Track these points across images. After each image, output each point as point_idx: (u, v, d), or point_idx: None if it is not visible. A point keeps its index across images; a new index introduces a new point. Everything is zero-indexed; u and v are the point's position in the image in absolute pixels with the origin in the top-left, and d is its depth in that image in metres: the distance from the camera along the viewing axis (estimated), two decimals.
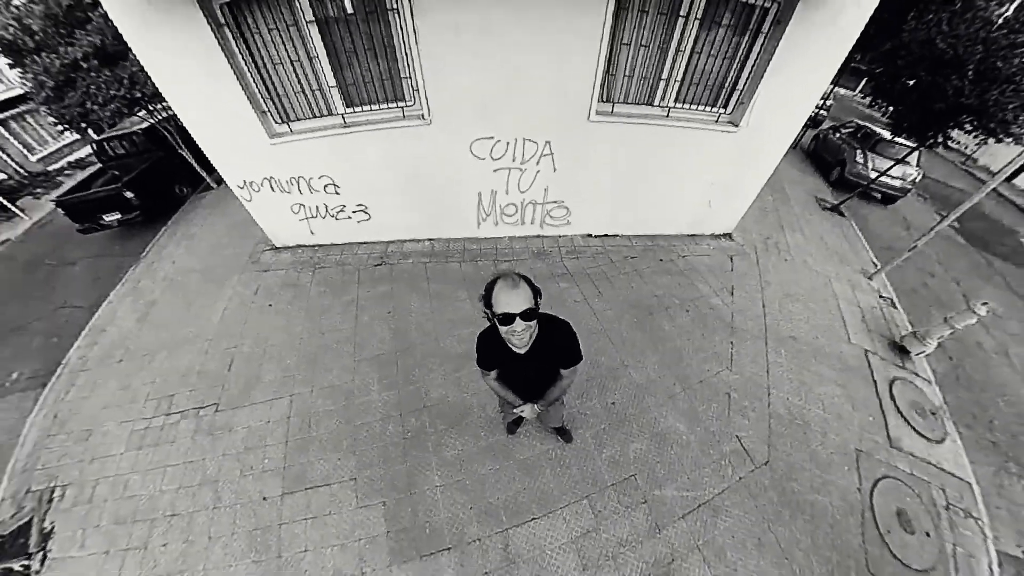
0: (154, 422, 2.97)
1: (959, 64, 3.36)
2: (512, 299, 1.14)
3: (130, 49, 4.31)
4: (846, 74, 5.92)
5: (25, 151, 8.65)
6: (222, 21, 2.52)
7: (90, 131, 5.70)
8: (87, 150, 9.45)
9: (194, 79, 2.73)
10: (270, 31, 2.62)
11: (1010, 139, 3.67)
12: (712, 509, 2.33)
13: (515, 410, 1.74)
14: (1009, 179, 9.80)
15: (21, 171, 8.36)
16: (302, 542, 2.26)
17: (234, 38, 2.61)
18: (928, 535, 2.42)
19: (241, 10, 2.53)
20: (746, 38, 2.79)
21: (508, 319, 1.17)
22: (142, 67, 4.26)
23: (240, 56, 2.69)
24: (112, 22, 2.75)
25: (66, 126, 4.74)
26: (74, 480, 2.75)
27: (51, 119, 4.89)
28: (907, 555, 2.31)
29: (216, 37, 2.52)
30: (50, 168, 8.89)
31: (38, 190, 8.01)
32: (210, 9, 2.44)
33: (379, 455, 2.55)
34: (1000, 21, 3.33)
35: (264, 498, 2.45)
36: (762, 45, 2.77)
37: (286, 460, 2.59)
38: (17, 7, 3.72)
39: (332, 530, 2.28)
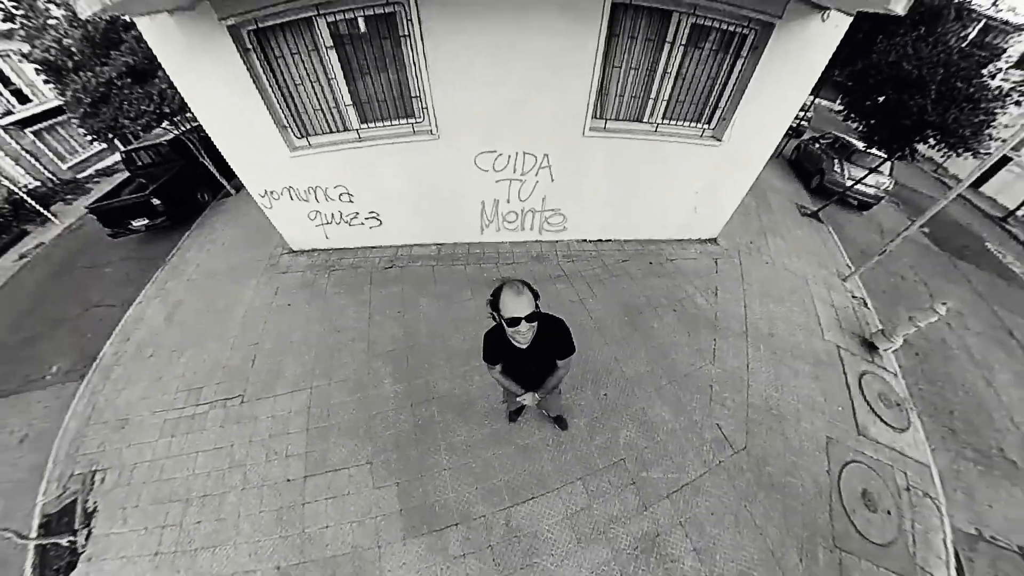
0: (185, 412, 3.05)
1: (923, 84, 3.47)
2: (518, 305, 1.27)
3: (159, 67, 4.42)
4: (826, 86, 5.97)
5: (57, 160, 8.70)
6: (249, 47, 2.60)
7: (116, 141, 5.78)
8: (114, 158, 9.50)
9: (222, 98, 2.82)
10: (292, 55, 2.70)
11: (969, 153, 3.78)
12: (694, 489, 2.43)
13: (519, 399, 1.85)
14: (976, 187, 9.87)
15: (53, 179, 8.42)
16: (324, 519, 2.35)
17: (259, 62, 2.69)
18: (889, 513, 2.52)
19: (266, 36, 2.61)
20: (727, 62, 2.86)
21: (514, 322, 1.29)
22: (170, 84, 4.37)
23: (264, 78, 2.77)
24: (144, 43, 2.84)
25: (95, 137, 4.83)
26: (113, 464, 2.84)
27: (81, 131, 5.00)
28: (870, 531, 2.42)
29: (243, 61, 2.61)
30: (79, 176, 8.94)
31: (69, 196, 8.08)
32: (238, 36, 2.52)
33: (392, 441, 2.64)
34: (960, 46, 3.44)
35: (288, 480, 2.53)
36: (741, 68, 2.84)
37: (307, 446, 2.68)
38: (57, 30, 3.82)
39: (351, 508, 2.37)
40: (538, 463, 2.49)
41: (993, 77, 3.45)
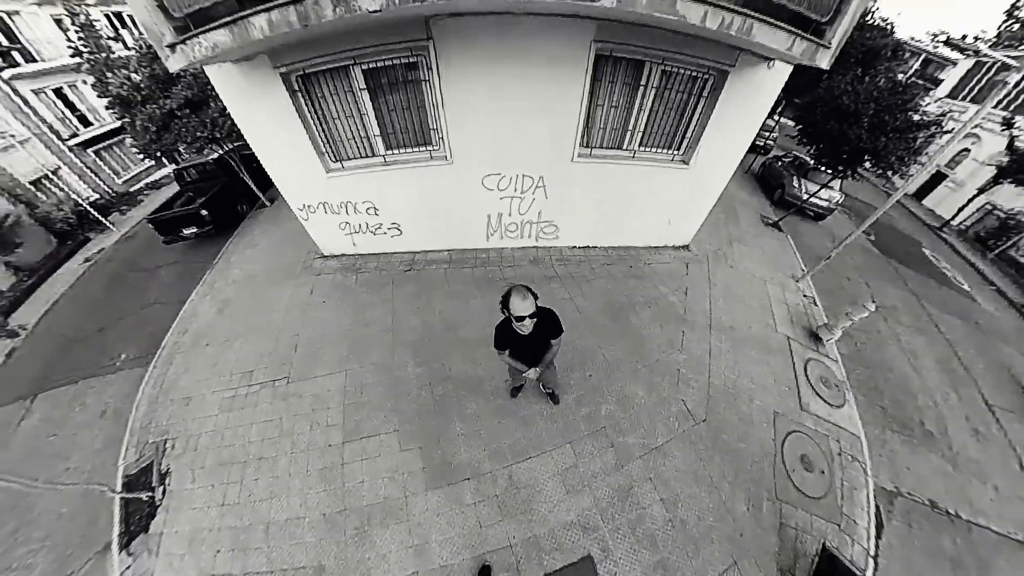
0: (239, 391, 3.23)
1: (858, 117, 3.72)
2: (523, 306, 1.57)
3: (211, 99, 4.68)
4: (791, 106, 6.05)
5: (113, 175, 8.84)
6: (296, 89, 2.82)
7: (164, 159, 5.90)
8: (160, 173, 9.61)
9: (272, 129, 3.03)
10: (331, 95, 2.92)
11: (897, 175, 4.01)
12: (662, 452, 2.65)
13: (524, 374, 2.12)
14: (919, 199, 10.08)
15: (110, 192, 8.56)
16: (360, 476, 2.58)
17: (304, 100, 2.91)
18: (823, 473, 2.76)
19: (310, 80, 2.83)
20: (691, 101, 3.07)
21: (520, 318, 1.59)
22: (220, 112, 4.63)
23: (307, 113, 2.99)
24: (199, 78, 3.05)
25: (146, 156, 5.00)
26: (181, 434, 3.04)
27: (134, 149, 5.17)
28: (805, 486, 2.67)
29: (290, 100, 2.83)
30: (131, 189, 9.06)
31: (123, 207, 8.20)
32: (288, 80, 2.75)
33: (415, 413, 2.85)
34: (889, 85, 3.68)
35: (329, 445, 2.75)
36: (703, 106, 3.05)
37: (344, 418, 2.89)
38: (127, 68, 4.04)
39: (382, 467, 2.60)
40: (534, 430, 2.72)
41: (918, 111, 3.67)
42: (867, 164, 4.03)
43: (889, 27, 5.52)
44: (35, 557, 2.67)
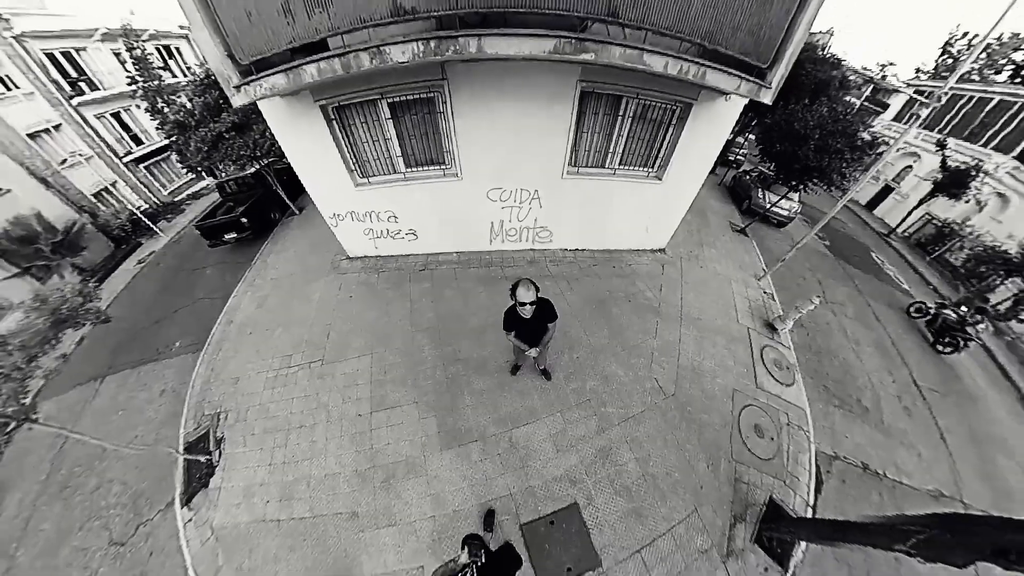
0: (280, 372, 3.44)
1: (806, 139, 3.96)
2: (527, 294, 1.84)
3: (253, 123, 4.91)
4: (759, 127, 6.17)
5: (160, 187, 9.08)
6: (332, 118, 3.06)
7: (203, 173, 6.13)
8: (200, 185, 9.81)
9: (310, 150, 3.25)
10: (361, 123, 3.15)
11: (840, 191, 4.22)
12: (637, 420, 2.86)
13: (525, 352, 2.37)
14: (871, 209, 10.34)
15: (158, 202, 8.80)
16: (385, 439, 2.80)
17: (338, 127, 3.14)
18: (772, 439, 2.97)
19: (344, 111, 3.07)
20: (662, 128, 3.29)
21: (523, 304, 1.86)
22: (260, 134, 4.87)
23: (341, 138, 3.21)
24: (244, 106, 3.23)
25: (190, 170, 5.22)
26: (232, 408, 3.25)
27: (179, 164, 5.37)
28: (757, 449, 2.89)
29: (327, 127, 3.07)
30: (176, 199, 9.26)
31: (169, 215, 8.40)
32: (325, 111, 2.99)
33: (432, 388, 3.06)
34: (831, 113, 3.93)
35: (359, 415, 2.97)
36: (673, 131, 3.27)
37: (371, 392, 3.10)
38: (180, 96, 4.29)
39: (404, 432, 2.82)
40: (530, 401, 2.93)
41: (856, 135, 3.91)
42: (815, 179, 4.27)
43: (838, 61, 5.79)
44: (114, 510, 2.90)
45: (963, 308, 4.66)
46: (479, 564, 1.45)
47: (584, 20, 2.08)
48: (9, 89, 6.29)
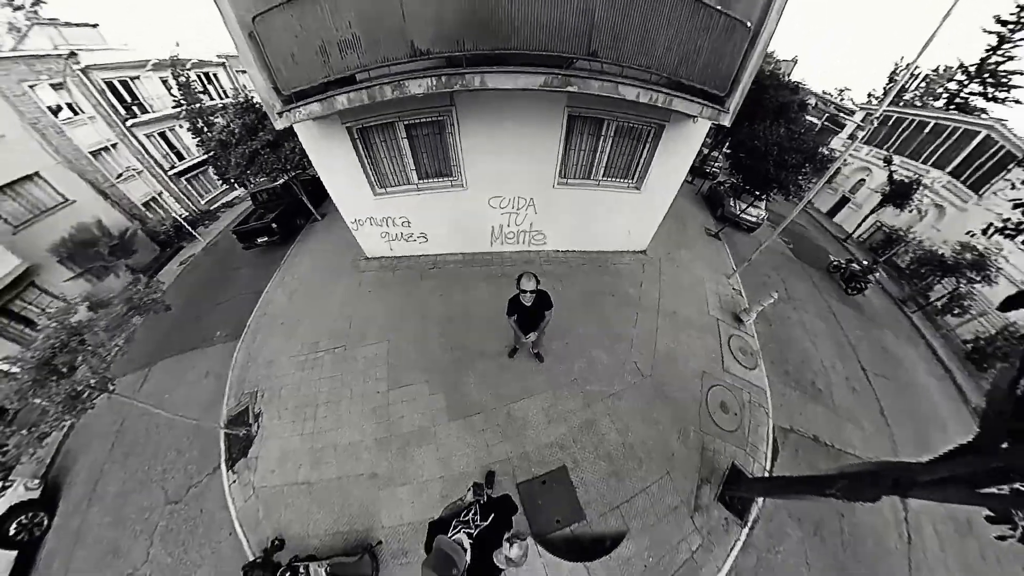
0: (309, 356, 3.58)
1: (766, 156, 4.16)
2: (529, 284, 2.04)
3: (285, 140, 5.13)
4: (729, 142, 6.35)
5: (198, 197, 9.32)
6: (356, 137, 3.24)
7: (235, 184, 6.14)
8: (232, 195, 10.02)
9: (337, 165, 3.42)
10: (380, 142, 3.33)
11: (797, 199, 4.43)
12: (617, 397, 3.00)
13: (524, 338, 2.53)
14: (831, 217, 10.61)
15: (197, 210, 9.03)
16: (400, 412, 2.95)
17: (360, 145, 3.32)
18: (736, 414, 3.12)
19: (366, 131, 3.25)
20: (639, 145, 3.45)
21: (524, 292, 2.05)
22: (291, 150, 5.08)
23: (363, 154, 3.38)
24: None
25: (225, 182, 5.40)
26: (267, 387, 3.41)
27: (215, 177, 5.56)
28: (722, 423, 3.04)
29: (351, 145, 3.25)
30: (211, 208, 9.49)
31: (206, 222, 8.60)
32: (351, 131, 3.17)
33: (440, 369, 3.21)
34: (787, 133, 4.13)
35: (378, 392, 3.12)
36: (648, 148, 3.43)
37: (388, 373, 3.25)
38: (221, 119, 4.51)
39: (416, 406, 2.97)
40: (526, 380, 3.08)
41: (808, 152, 4.13)
42: (775, 189, 4.46)
43: (797, 87, 5.99)
44: (168, 474, 3.08)
45: (864, 263, 5.72)
46: (481, 503, 1.60)
47: (569, 58, 2.27)
48: (76, 114, 6.71)
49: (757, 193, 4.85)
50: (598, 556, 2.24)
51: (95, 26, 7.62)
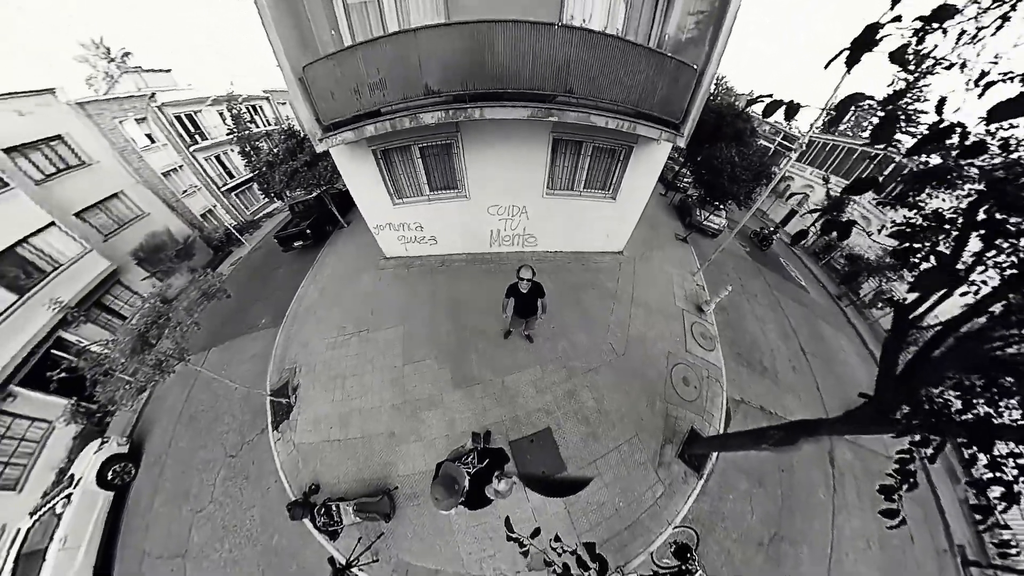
0: (338, 338, 3.72)
1: (722, 172, 4.33)
2: (526, 273, 2.20)
3: (319, 160, 5.38)
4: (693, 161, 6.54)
5: (244, 208, 9.61)
6: (379, 158, 3.41)
7: (274, 197, 6.34)
8: (272, 207, 10.24)
9: (363, 180, 3.58)
10: (399, 161, 3.50)
11: (747, 208, 4.58)
12: (595, 372, 3.12)
13: (509, 323, 2.69)
14: (784, 225, 10.94)
15: (242, 219, 9.31)
16: (414, 383, 3.08)
17: (382, 164, 3.48)
18: (695, 388, 3.23)
19: (387, 153, 3.41)
20: (613, 162, 3.59)
21: (522, 279, 2.20)
22: (325, 168, 5.31)
23: (384, 171, 3.54)
24: (314, 148, 3.64)
25: (266, 195, 5.68)
26: (304, 364, 3.55)
27: (259, 192, 5.80)
28: (684, 394, 3.15)
29: (375, 164, 3.42)
30: (255, 218, 9.75)
31: (251, 230, 8.83)
32: (375, 153, 3.35)
33: (446, 348, 3.33)
34: (738, 154, 4.31)
35: (395, 366, 3.25)
36: (620, 164, 3.57)
37: (403, 351, 3.37)
38: (268, 143, 4.80)
39: (426, 378, 3.10)
40: (518, 357, 3.20)
41: (758, 170, 4.30)
42: (729, 201, 4.62)
43: (749, 116, 6.17)
44: (226, 434, 3.26)
45: (770, 229, 7.05)
46: (479, 449, 1.75)
47: (551, 95, 2.45)
48: (153, 142, 7.29)
49: (717, 204, 4.99)
50: (571, 494, 2.37)
51: (168, 71, 8.22)
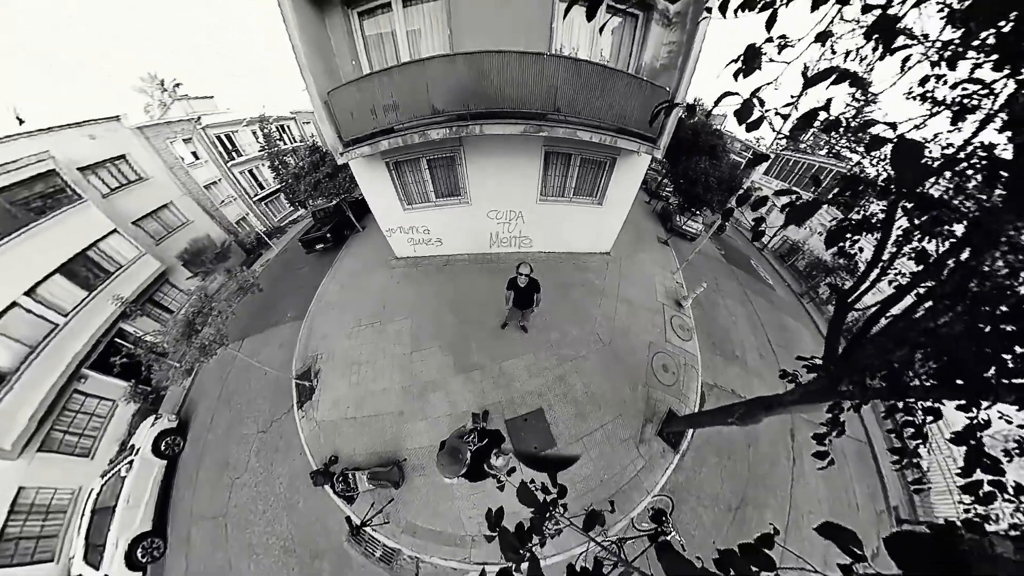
0: (354, 329, 3.76)
1: (697, 182, 4.38)
2: (525, 268, 2.26)
3: (340, 172, 5.50)
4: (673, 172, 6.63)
5: (272, 215, 9.75)
6: (391, 169, 3.46)
7: (299, 206, 6.39)
8: (297, 213, 10.29)
9: (378, 189, 3.62)
10: (409, 172, 3.54)
11: (718, 215, 4.62)
12: (583, 359, 3.14)
13: (519, 322, 2.74)
14: (753, 236, 11.09)
15: (271, 225, 9.42)
16: (420, 368, 3.12)
17: (394, 175, 3.52)
18: (674, 374, 3.25)
19: (399, 164, 3.46)
20: (599, 172, 3.61)
21: (520, 274, 2.26)
22: (344, 179, 5.40)
23: (395, 181, 3.59)
24: (335, 161, 3.74)
25: (291, 203, 5.81)
26: (325, 352, 3.61)
27: (285, 201, 5.98)
28: (663, 379, 3.16)
29: (388, 174, 3.47)
30: (281, 224, 9.85)
31: (278, 235, 8.96)
32: (388, 165, 3.40)
33: (450, 337, 3.37)
34: (711, 167, 4.36)
35: (404, 354, 3.29)
36: (605, 174, 3.59)
37: (411, 340, 3.42)
38: (294, 158, 4.94)
39: (431, 364, 3.14)
40: (514, 345, 3.24)
41: (728, 180, 4.35)
42: (703, 207, 4.67)
43: (721, 133, 6.24)
44: (258, 412, 3.36)
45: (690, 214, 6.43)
46: (479, 429, 1.78)
47: (542, 113, 2.53)
48: (197, 159, 7.66)
49: (693, 210, 5.03)
50: (561, 469, 2.42)
51: (211, 97, 8.73)
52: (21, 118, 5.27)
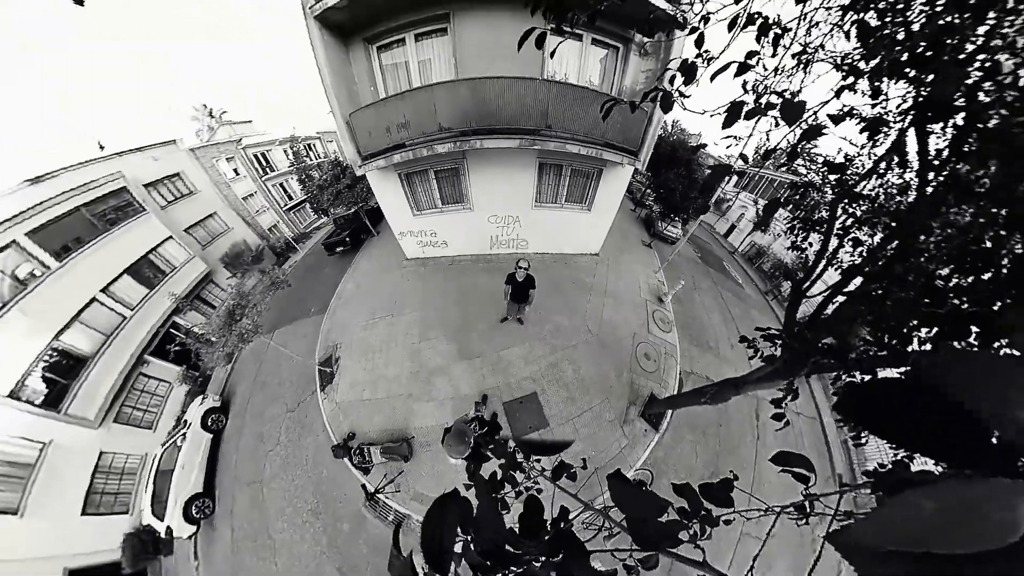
0: (370, 322, 3.77)
1: (675, 191, 4.38)
2: (523, 264, 2.26)
3: (359, 181, 5.56)
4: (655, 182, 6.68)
5: (298, 222, 9.88)
6: (403, 179, 3.48)
7: (322, 214, 6.34)
8: (320, 221, 10.34)
9: (391, 197, 3.64)
10: (419, 182, 3.56)
11: (694, 221, 4.65)
12: (573, 347, 3.14)
13: (508, 309, 2.74)
14: (726, 236, 11.17)
15: (297, 231, 9.53)
16: (428, 357, 3.13)
17: (405, 185, 3.55)
18: (655, 362, 3.24)
19: (410, 175, 3.48)
20: (588, 181, 3.61)
21: (518, 268, 2.27)
22: (362, 188, 5.40)
23: (406, 190, 3.61)
24: (352, 172, 3.79)
25: (315, 211, 5.84)
26: (344, 342, 3.63)
27: (310, 209, 6.08)
28: (645, 367, 3.16)
29: (400, 184, 3.49)
30: (306, 231, 9.97)
31: (303, 240, 9.03)
32: (400, 176, 3.43)
33: (454, 329, 3.37)
34: (686, 178, 4.35)
35: (413, 343, 3.30)
36: (593, 183, 3.59)
37: (419, 331, 3.42)
38: (319, 171, 5.04)
39: (437, 352, 3.15)
40: (512, 336, 3.23)
41: (703, 190, 4.37)
42: (680, 214, 4.68)
43: (695, 149, 6.16)
44: (287, 394, 3.40)
45: (670, 220, 6.10)
46: (480, 416, 1.83)
47: (535, 129, 2.57)
48: (237, 175, 8.05)
49: (672, 216, 5.03)
50: (555, 453, 2.44)
51: (250, 122, 9.26)
52: (102, 144, 5.60)
